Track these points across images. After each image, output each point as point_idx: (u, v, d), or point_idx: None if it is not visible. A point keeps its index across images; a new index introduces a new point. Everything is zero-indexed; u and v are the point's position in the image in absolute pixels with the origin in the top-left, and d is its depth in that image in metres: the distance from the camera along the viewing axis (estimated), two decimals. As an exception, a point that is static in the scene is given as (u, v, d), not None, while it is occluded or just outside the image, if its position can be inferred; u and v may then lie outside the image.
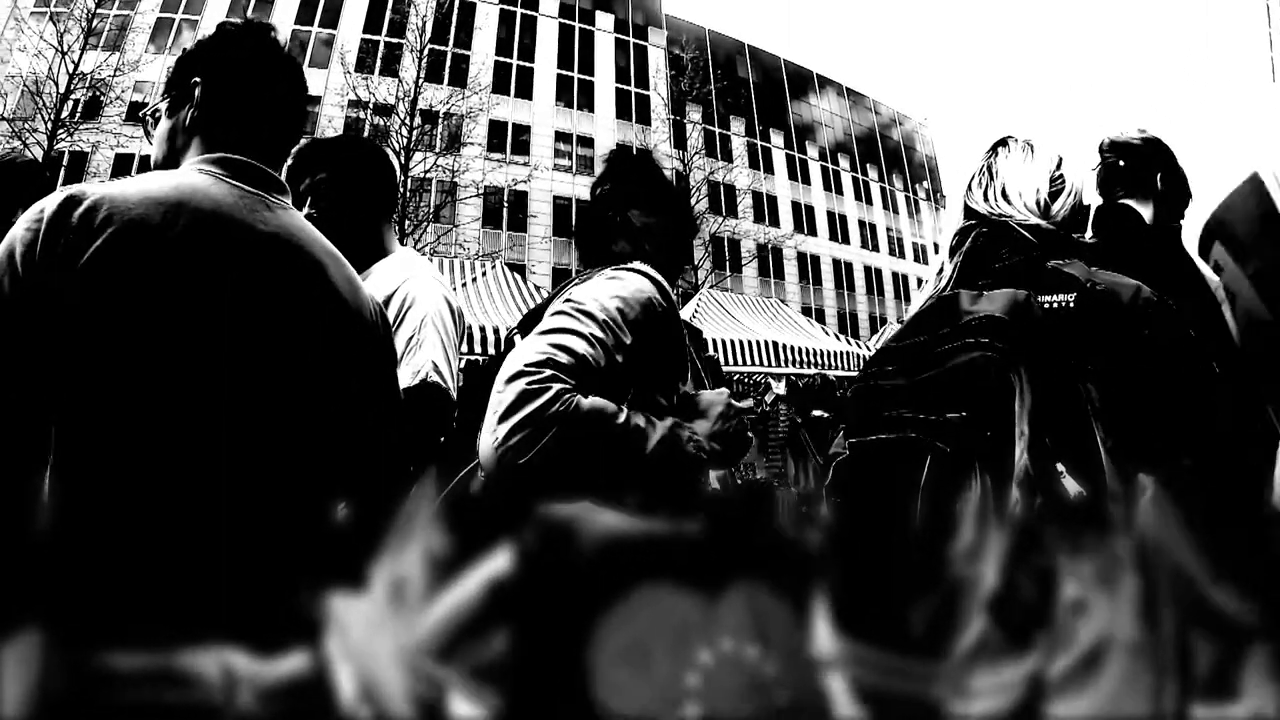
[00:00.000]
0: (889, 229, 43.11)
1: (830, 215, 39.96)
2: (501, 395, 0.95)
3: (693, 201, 25.74)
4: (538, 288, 8.65)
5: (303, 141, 1.58)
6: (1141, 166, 1.77)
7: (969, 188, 1.16)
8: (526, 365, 0.97)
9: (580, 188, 30.75)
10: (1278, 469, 0.96)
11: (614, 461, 1.02)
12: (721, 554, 0.42)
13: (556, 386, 0.96)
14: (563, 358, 1.00)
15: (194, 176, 0.99)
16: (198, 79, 1.07)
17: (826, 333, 11.28)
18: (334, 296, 1.05)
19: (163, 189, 0.92)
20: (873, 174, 43.87)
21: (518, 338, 1.18)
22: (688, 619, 0.36)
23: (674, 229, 1.40)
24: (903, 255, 43.14)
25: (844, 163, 42.49)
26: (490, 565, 0.38)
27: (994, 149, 1.18)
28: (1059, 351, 0.89)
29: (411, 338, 1.50)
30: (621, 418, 1.03)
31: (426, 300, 1.56)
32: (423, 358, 1.48)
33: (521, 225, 29.03)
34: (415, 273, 1.63)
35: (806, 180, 39.61)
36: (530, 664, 0.37)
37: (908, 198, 45.55)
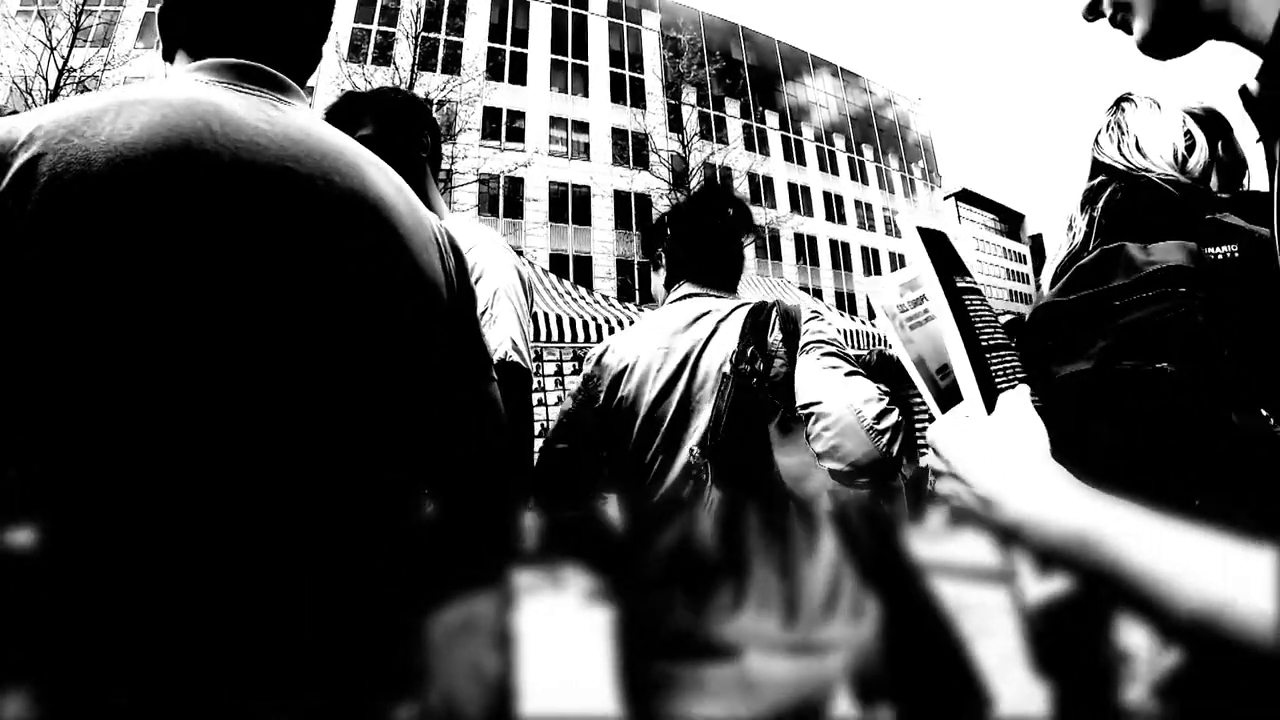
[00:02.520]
0: (885, 209, 43.01)
1: (826, 196, 39.84)
2: (880, 426, 1.31)
3: (691, 184, 25.65)
4: (546, 271, 8.65)
5: (337, 97, 1.55)
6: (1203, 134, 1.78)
7: (1097, 142, 1.14)
8: (887, 405, 1.32)
9: (576, 173, 30.61)
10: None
11: None
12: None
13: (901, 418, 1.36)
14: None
15: (166, 82, 0.76)
16: None
17: (829, 309, 11.28)
18: (380, 203, 0.78)
19: (120, 92, 0.69)
20: (868, 154, 43.71)
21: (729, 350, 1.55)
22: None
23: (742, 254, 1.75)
24: (899, 235, 43.06)
25: (839, 143, 42.30)
26: (825, 545, 0.58)
27: (1117, 104, 1.16)
28: (1240, 300, 0.88)
29: (484, 312, 1.32)
30: None
31: (498, 272, 1.40)
32: (499, 333, 1.31)
33: (518, 212, 28.90)
34: (482, 240, 1.46)
35: (802, 161, 39.46)
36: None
37: (903, 177, 45.43)
